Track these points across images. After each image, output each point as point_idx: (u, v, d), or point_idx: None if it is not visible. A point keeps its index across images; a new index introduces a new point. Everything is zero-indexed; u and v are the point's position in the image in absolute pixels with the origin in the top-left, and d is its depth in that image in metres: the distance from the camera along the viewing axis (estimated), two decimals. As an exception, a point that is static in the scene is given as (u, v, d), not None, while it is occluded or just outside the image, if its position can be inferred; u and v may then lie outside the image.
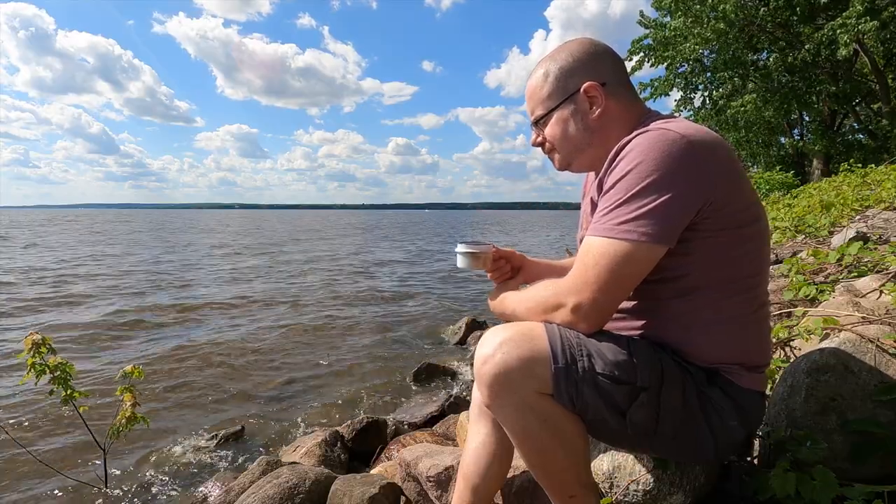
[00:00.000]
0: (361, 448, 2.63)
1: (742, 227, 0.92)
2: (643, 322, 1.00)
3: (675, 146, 0.86)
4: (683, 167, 0.86)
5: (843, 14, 9.16)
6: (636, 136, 0.91)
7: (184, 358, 4.51)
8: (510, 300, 1.09)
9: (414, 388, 3.84)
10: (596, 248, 0.90)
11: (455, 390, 3.60)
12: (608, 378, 0.89)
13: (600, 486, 1.18)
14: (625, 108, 1.05)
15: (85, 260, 12.44)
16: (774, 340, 1.64)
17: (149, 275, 9.85)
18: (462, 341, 5.16)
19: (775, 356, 1.57)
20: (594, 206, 1.00)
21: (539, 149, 1.15)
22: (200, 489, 2.29)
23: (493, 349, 0.91)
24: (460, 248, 1.27)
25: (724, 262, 0.93)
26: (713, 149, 0.89)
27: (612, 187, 0.91)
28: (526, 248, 18.71)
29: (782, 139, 15.67)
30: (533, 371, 0.88)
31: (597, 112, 1.03)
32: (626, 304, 1.02)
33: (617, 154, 0.92)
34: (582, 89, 1.03)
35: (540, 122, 1.10)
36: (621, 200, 0.88)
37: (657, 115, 1.04)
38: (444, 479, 1.49)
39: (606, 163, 0.95)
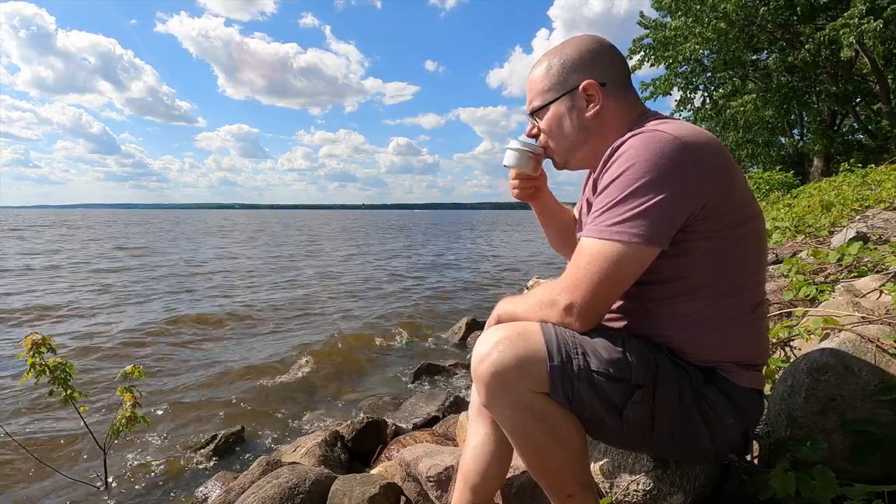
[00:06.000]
0: (361, 448, 2.62)
1: (737, 226, 0.92)
2: (639, 322, 1.00)
3: (668, 147, 0.86)
4: (676, 168, 0.86)
5: (846, 14, 9.11)
6: (630, 136, 0.91)
7: (184, 358, 4.51)
8: (513, 301, 1.09)
9: (414, 388, 3.84)
10: (589, 248, 0.90)
11: (455, 390, 3.60)
12: (603, 376, 0.89)
13: (600, 486, 1.18)
14: (623, 109, 1.05)
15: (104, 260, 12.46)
16: (774, 340, 1.64)
17: (159, 278, 9.84)
18: (462, 341, 5.17)
19: (775, 356, 1.57)
20: (589, 206, 1.00)
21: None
22: (200, 489, 2.29)
23: (489, 348, 0.91)
24: (514, 143, 1.16)
25: (719, 262, 0.92)
26: (707, 149, 0.89)
27: (605, 188, 0.91)
28: (526, 247, 18.69)
29: (782, 139, 15.65)
30: (529, 370, 0.88)
31: (593, 111, 1.03)
32: (622, 304, 1.02)
33: (611, 155, 0.92)
34: (581, 87, 1.03)
35: (536, 114, 1.11)
36: (614, 202, 0.88)
37: (654, 116, 1.04)
38: (444, 479, 1.49)
39: (601, 163, 0.95)
